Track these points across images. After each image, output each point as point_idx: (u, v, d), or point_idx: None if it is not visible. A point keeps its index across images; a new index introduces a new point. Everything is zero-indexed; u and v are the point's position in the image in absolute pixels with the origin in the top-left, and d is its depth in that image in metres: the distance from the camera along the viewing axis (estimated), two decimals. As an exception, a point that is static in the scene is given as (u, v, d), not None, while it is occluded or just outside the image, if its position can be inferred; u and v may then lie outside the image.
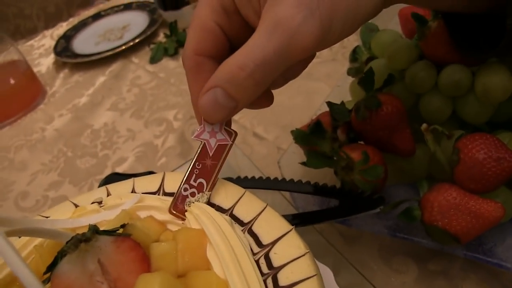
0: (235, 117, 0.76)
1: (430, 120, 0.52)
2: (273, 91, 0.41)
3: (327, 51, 0.88)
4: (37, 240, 0.39)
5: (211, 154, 0.38)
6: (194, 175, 0.38)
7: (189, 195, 0.38)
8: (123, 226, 0.35)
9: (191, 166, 0.38)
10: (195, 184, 0.38)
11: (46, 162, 0.82)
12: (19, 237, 0.41)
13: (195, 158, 0.38)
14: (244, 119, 0.76)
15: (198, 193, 0.38)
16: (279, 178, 0.50)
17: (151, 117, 0.84)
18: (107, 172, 0.75)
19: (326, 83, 0.80)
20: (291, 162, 0.57)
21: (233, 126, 0.39)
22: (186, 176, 0.38)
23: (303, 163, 0.51)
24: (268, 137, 0.72)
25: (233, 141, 0.38)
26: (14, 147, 0.89)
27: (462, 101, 0.50)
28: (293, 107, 0.76)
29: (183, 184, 0.38)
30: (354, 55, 0.61)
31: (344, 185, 0.49)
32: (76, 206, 0.43)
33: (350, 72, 0.61)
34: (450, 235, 0.42)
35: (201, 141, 0.38)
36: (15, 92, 0.97)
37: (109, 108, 0.91)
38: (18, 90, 0.97)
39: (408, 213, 0.45)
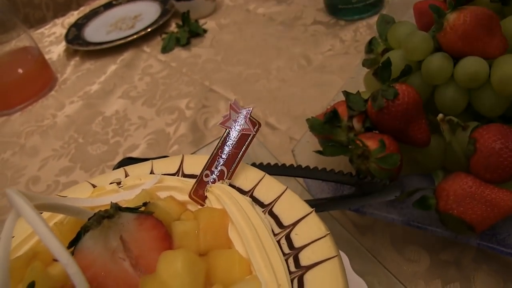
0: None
1: (445, 111, 0.52)
2: (286, 83, 0.41)
3: (340, 44, 0.89)
4: (57, 218, 0.39)
5: (234, 143, 0.38)
6: (216, 161, 0.38)
7: (209, 182, 0.38)
8: (145, 204, 0.35)
9: (214, 153, 0.38)
10: (216, 171, 0.38)
11: (57, 148, 0.83)
12: (41, 213, 0.42)
13: (218, 145, 0.38)
14: (257, 109, 0.76)
15: (218, 181, 0.38)
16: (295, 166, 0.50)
17: (163, 106, 0.85)
18: (119, 158, 0.76)
19: (339, 76, 0.80)
20: (305, 151, 0.58)
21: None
22: (208, 162, 0.38)
23: (318, 152, 0.51)
24: (281, 127, 0.72)
25: (256, 132, 0.39)
26: (25, 133, 0.89)
27: (478, 93, 0.50)
28: (305, 99, 0.77)
29: (205, 170, 0.38)
30: (370, 46, 0.61)
31: (359, 173, 0.49)
32: (94, 186, 0.44)
33: (365, 63, 0.61)
34: (465, 224, 0.42)
35: (226, 129, 0.38)
36: (26, 78, 0.97)
37: (121, 96, 0.91)
38: (30, 77, 0.98)
39: (423, 202, 0.45)
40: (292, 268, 0.31)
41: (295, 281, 0.31)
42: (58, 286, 0.32)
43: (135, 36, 1.05)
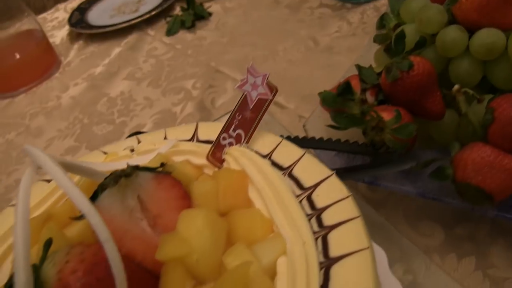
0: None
1: (460, 84, 0.51)
2: (294, 64, 0.40)
3: (347, 26, 0.88)
4: (73, 180, 0.38)
5: (251, 107, 0.38)
6: (234, 125, 0.38)
7: (227, 145, 0.38)
8: (162, 165, 0.34)
9: (231, 116, 0.38)
10: (234, 135, 0.38)
11: (62, 129, 0.82)
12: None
13: (236, 108, 0.38)
14: (264, 89, 0.75)
15: (236, 144, 0.38)
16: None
17: (168, 86, 0.84)
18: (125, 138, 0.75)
19: (346, 57, 0.79)
20: (316, 126, 0.57)
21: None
22: (226, 125, 0.38)
23: (331, 126, 0.51)
24: (289, 106, 0.71)
25: (273, 97, 0.38)
26: (30, 114, 0.89)
27: (493, 66, 0.50)
28: (313, 79, 0.76)
29: (222, 133, 0.38)
30: (382, 21, 0.60)
31: (374, 145, 0.48)
32: (106, 154, 0.43)
33: (376, 39, 0.60)
34: (483, 193, 0.42)
35: (243, 92, 0.38)
36: (30, 60, 0.97)
37: (126, 77, 0.91)
38: (34, 59, 0.97)
39: (440, 172, 0.44)
40: (315, 228, 0.31)
41: (319, 240, 0.30)
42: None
43: (139, 19, 1.04)
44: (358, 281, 0.27)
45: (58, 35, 1.15)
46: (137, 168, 0.32)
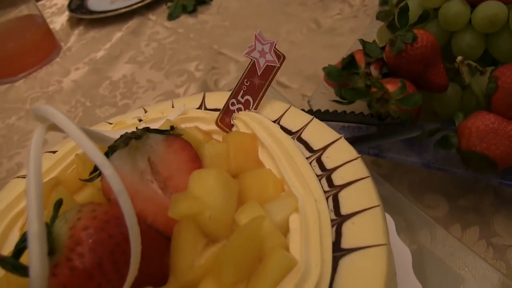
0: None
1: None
2: (297, 45, 0.40)
3: (348, 8, 0.88)
4: (79, 149, 0.38)
5: (259, 73, 0.38)
6: (242, 91, 0.38)
7: (235, 110, 0.38)
8: (172, 128, 0.34)
9: (239, 82, 0.38)
10: (242, 101, 0.38)
11: (64, 112, 0.82)
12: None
13: (244, 74, 0.38)
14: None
15: (244, 110, 0.38)
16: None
17: (171, 69, 0.84)
18: (128, 120, 0.75)
19: (349, 38, 0.80)
20: (321, 101, 0.57)
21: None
22: (234, 91, 0.38)
23: (336, 101, 0.51)
24: (293, 85, 0.71)
25: (280, 64, 0.38)
26: (30, 99, 0.89)
27: (495, 38, 0.50)
28: (316, 60, 0.76)
29: (231, 99, 0.38)
30: (384, -2, 0.61)
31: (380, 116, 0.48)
32: (113, 125, 0.43)
33: (379, 16, 0.61)
34: (488, 160, 0.42)
35: (251, 59, 0.38)
36: (30, 46, 0.96)
37: (128, 61, 0.91)
38: (34, 44, 0.97)
39: (445, 141, 0.45)
40: (326, 188, 0.31)
41: (330, 198, 0.30)
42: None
43: (140, 4, 1.03)
44: (370, 237, 0.28)
45: (58, 21, 1.14)
46: (147, 130, 0.32)
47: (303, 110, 0.49)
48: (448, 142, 0.44)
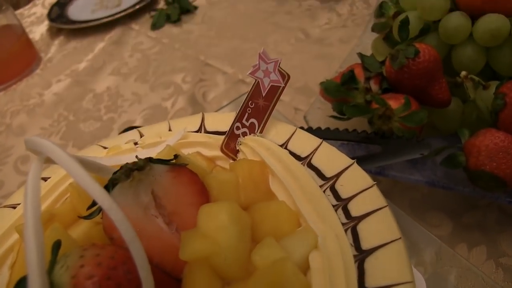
0: (247, 80, 0.74)
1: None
2: (285, 56, 0.38)
3: (336, 18, 0.87)
4: (72, 179, 0.36)
5: (264, 94, 0.36)
6: (247, 114, 0.36)
7: (240, 135, 0.36)
8: (176, 157, 0.32)
9: (244, 104, 0.36)
10: (247, 124, 0.36)
11: (46, 126, 0.78)
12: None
13: (249, 96, 0.36)
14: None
15: (250, 134, 0.36)
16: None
17: (157, 81, 0.81)
18: (114, 134, 0.72)
19: (338, 48, 0.78)
20: (317, 117, 0.56)
21: (242, 90, 0.37)
22: (239, 114, 0.36)
23: (334, 117, 0.49)
24: (284, 98, 0.69)
25: (285, 84, 0.36)
26: (10, 112, 0.85)
27: (497, 52, 0.49)
28: (306, 71, 0.74)
29: (236, 122, 0.36)
30: (381, 10, 0.59)
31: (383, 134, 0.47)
32: (106, 148, 0.41)
33: (375, 28, 0.59)
34: (498, 180, 0.41)
35: (255, 79, 0.36)
36: (9, 57, 0.93)
37: (111, 72, 0.88)
38: (13, 56, 0.93)
39: (452, 159, 0.43)
40: (343, 220, 0.29)
41: (349, 232, 0.28)
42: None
43: (123, 14, 1.01)
44: (395, 274, 0.26)
45: (37, 31, 1.11)
46: (150, 160, 0.30)
47: (302, 128, 0.48)
48: (455, 160, 0.43)
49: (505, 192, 0.43)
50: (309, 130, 0.48)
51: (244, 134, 0.35)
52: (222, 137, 0.36)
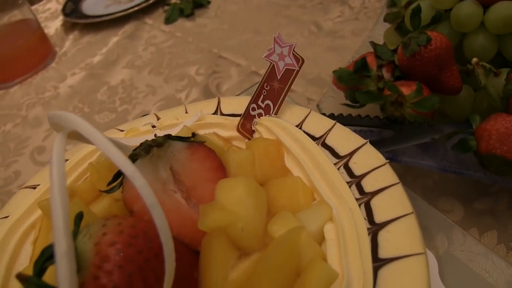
0: (261, 71, 0.75)
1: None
2: (298, 48, 0.39)
3: (349, 11, 0.87)
4: (93, 158, 0.37)
5: (279, 77, 0.37)
6: (262, 96, 0.37)
7: (256, 116, 0.37)
8: (194, 135, 0.33)
9: (259, 87, 0.37)
10: (263, 105, 0.37)
11: (62, 118, 0.80)
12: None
13: (264, 78, 0.37)
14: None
15: (265, 115, 0.37)
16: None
17: (171, 73, 0.82)
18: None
19: (351, 40, 0.79)
20: (330, 105, 0.56)
21: (255, 81, 0.38)
22: (254, 95, 0.37)
23: (348, 105, 0.50)
24: (297, 89, 0.70)
25: (299, 67, 0.37)
26: (26, 105, 0.86)
27: (508, 40, 0.49)
28: (319, 62, 0.75)
29: (252, 103, 0.37)
30: (393, 0, 0.60)
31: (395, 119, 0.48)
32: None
33: (387, 18, 0.60)
34: (509, 163, 0.41)
35: (270, 62, 0.37)
36: (25, 51, 0.94)
37: (125, 66, 0.89)
38: (28, 49, 0.95)
39: (463, 144, 0.44)
40: (357, 195, 0.30)
41: (362, 206, 0.29)
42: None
43: (136, 8, 1.02)
44: (407, 246, 0.27)
45: (52, 26, 1.12)
46: (169, 137, 0.31)
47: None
48: (467, 145, 0.44)
49: (515, 176, 0.43)
50: (323, 115, 0.48)
51: (260, 115, 0.36)
52: (238, 118, 0.37)
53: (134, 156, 0.30)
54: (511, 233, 0.46)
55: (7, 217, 0.37)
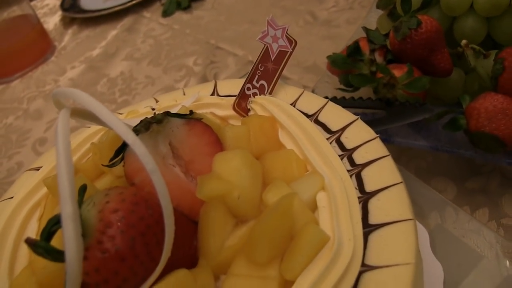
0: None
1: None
2: (294, 36, 0.40)
3: (343, 0, 0.88)
4: (95, 138, 0.38)
5: (272, 58, 0.38)
6: (257, 76, 0.38)
7: (251, 95, 0.38)
8: (191, 113, 0.34)
9: (254, 67, 0.38)
10: (257, 85, 0.38)
11: (63, 110, 0.81)
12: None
13: (258, 59, 0.38)
14: (266, 62, 0.76)
15: (260, 95, 0.38)
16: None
17: (169, 64, 0.84)
18: (129, 116, 0.74)
19: (346, 29, 0.80)
20: (325, 90, 0.57)
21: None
22: (249, 76, 0.38)
23: (341, 89, 0.51)
24: (293, 77, 0.72)
25: (293, 49, 0.39)
26: (27, 98, 0.88)
27: (497, 22, 0.50)
28: (314, 51, 0.76)
29: (247, 84, 0.38)
30: (384, -14, 0.61)
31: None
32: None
33: (379, 5, 0.61)
34: (497, 141, 0.43)
35: (264, 44, 0.38)
36: (25, 45, 0.95)
37: (124, 58, 0.90)
38: (28, 44, 0.96)
39: (454, 123, 0.45)
40: (348, 167, 0.31)
41: (353, 177, 0.31)
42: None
43: (133, 2, 1.03)
44: (396, 213, 0.28)
45: (51, 21, 1.14)
46: (168, 114, 0.32)
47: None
48: (457, 123, 0.45)
49: (504, 153, 0.45)
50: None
51: (255, 94, 0.38)
52: (234, 98, 0.38)
53: (134, 132, 0.31)
54: (502, 210, 0.47)
55: (12, 197, 0.38)
